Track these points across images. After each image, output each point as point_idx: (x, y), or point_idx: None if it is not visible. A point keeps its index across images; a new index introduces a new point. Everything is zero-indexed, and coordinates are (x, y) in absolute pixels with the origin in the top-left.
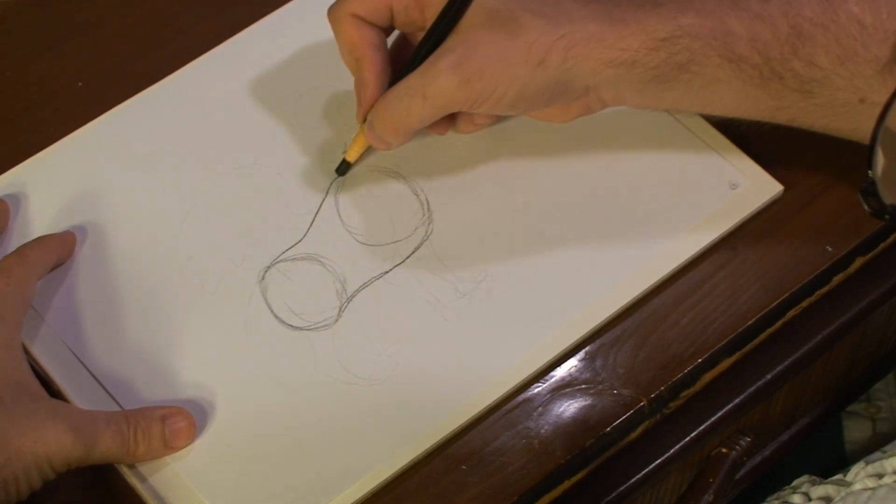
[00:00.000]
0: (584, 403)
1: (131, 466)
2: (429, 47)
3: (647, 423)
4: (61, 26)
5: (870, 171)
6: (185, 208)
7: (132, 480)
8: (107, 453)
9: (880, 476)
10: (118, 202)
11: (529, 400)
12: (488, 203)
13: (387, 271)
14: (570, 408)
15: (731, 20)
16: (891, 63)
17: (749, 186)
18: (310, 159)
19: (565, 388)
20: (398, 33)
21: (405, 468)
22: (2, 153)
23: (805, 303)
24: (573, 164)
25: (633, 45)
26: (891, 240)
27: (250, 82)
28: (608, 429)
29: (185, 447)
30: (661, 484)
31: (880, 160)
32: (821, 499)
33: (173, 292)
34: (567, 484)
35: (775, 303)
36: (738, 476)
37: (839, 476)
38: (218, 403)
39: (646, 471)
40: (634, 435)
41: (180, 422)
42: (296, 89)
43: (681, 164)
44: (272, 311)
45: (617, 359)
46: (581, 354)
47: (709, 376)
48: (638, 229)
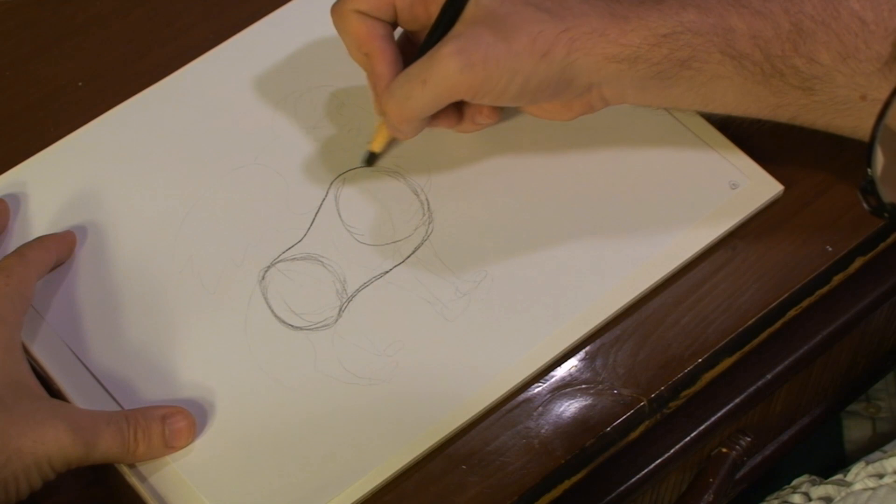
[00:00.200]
0: (584, 403)
1: (131, 466)
2: (435, 39)
3: (647, 423)
4: (61, 26)
5: (869, 170)
6: (185, 208)
7: (132, 480)
8: (107, 453)
9: (881, 476)
10: (118, 202)
11: (529, 400)
12: (488, 203)
13: (387, 271)
14: (570, 408)
15: (732, 17)
16: (891, 60)
17: (749, 186)
18: (310, 159)
19: (565, 388)
20: (401, 34)
21: (405, 468)
22: (2, 153)
23: (805, 303)
24: (573, 164)
25: (635, 41)
26: (891, 240)
27: (250, 82)
28: (608, 429)
29: (185, 447)
30: (661, 484)
31: (879, 158)
32: (821, 499)
33: (173, 292)
34: (567, 484)
35: (775, 303)
36: (738, 476)
37: (839, 476)
38: (218, 403)
39: (646, 471)
40: (634, 435)
41: (180, 421)
42: (296, 89)
43: (681, 164)
44: (272, 310)
45: (617, 359)
46: (581, 354)
47: (709, 376)
48: (638, 229)
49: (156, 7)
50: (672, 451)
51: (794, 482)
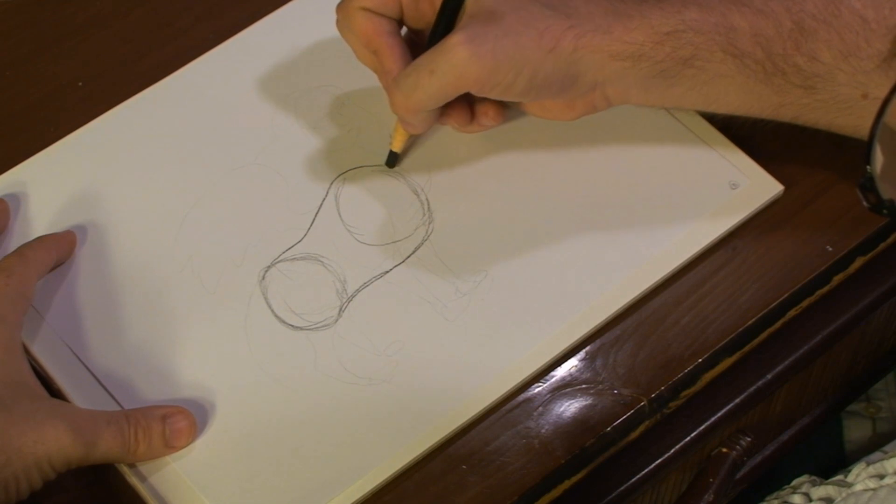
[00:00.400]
0: (585, 403)
1: (131, 466)
2: (441, 31)
3: (647, 423)
4: (61, 26)
5: (868, 167)
6: (186, 208)
7: (132, 480)
8: (107, 453)
9: (881, 477)
10: (118, 202)
11: (529, 400)
12: (488, 203)
13: (387, 271)
14: (570, 408)
15: (734, 15)
16: (891, 57)
17: (749, 186)
18: (310, 159)
19: (565, 388)
20: (406, 33)
21: (405, 468)
22: (2, 153)
23: (805, 303)
24: (573, 165)
25: (639, 39)
26: (891, 240)
27: (250, 82)
28: (608, 429)
29: (185, 447)
30: (661, 484)
31: (879, 156)
32: (821, 499)
33: (173, 292)
34: (567, 484)
35: (775, 303)
36: (739, 476)
37: (840, 477)
38: (218, 403)
39: (646, 471)
40: (634, 435)
41: (181, 421)
42: (296, 89)
43: (681, 164)
44: (272, 310)
45: (617, 359)
46: (581, 354)
47: (709, 376)
48: (638, 229)
49: (156, 7)
50: (672, 451)
51: (795, 482)
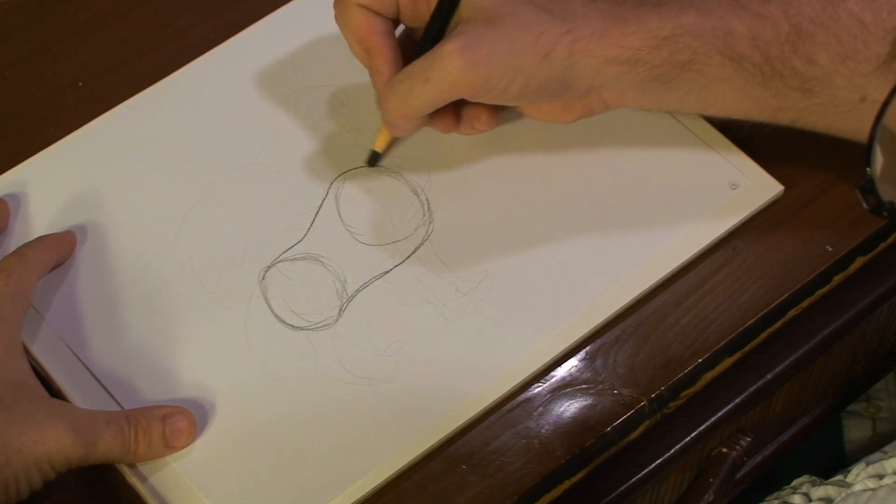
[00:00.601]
0: (585, 403)
1: (131, 466)
2: (434, 32)
3: (647, 423)
4: (61, 26)
5: (868, 169)
6: (185, 208)
7: (132, 480)
8: (107, 453)
9: (881, 477)
10: (118, 202)
11: (529, 400)
12: (488, 203)
13: (387, 271)
14: (570, 408)
15: (731, 19)
16: (890, 59)
17: (749, 186)
18: (310, 159)
19: (565, 388)
20: (402, 31)
21: (405, 468)
22: (2, 153)
23: (805, 303)
24: (573, 165)
25: (636, 43)
26: (891, 240)
27: (250, 82)
28: (608, 429)
29: (185, 447)
30: (661, 484)
31: (879, 158)
32: (821, 499)
33: (173, 292)
34: (567, 484)
35: (775, 303)
36: (739, 476)
37: (839, 477)
38: (218, 403)
39: (646, 471)
40: (635, 435)
41: (181, 421)
42: (296, 89)
43: (681, 165)
44: (272, 310)
45: (617, 359)
46: (581, 354)
47: (709, 376)
48: (638, 229)
49: (156, 7)
50: (672, 451)
51: (794, 482)
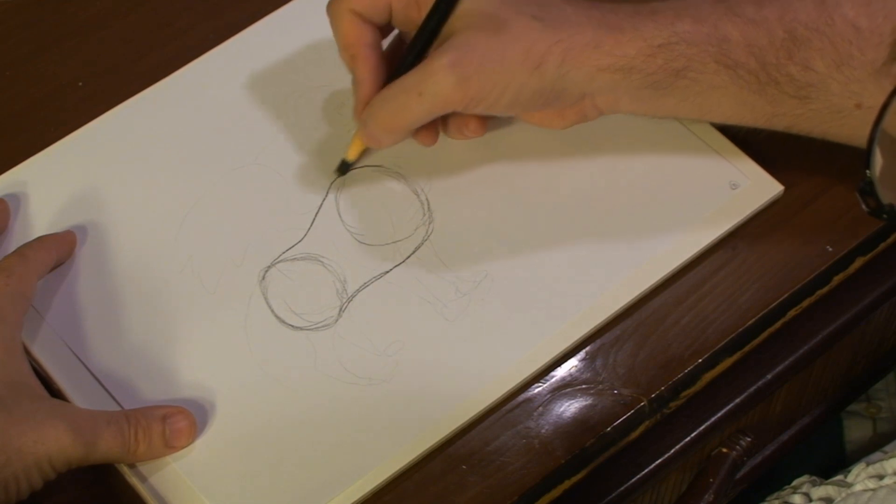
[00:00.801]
0: (585, 403)
1: (131, 466)
2: (421, 44)
3: (647, 423)
4: (61, 26)
5: (867, 171)
6: (185, 208)
7: (132, 480)
8: (107, 453)
9: (881, 477)
10: (118, 202)
11: (529, 400)
12: (488, 203)
13: (387, 271)
14: (570, 408)
15: (726, 26)
16: (889, 62)
17: (749, 186)
18: (310, 159)
19: (565, 388)
20: (396, 32)
21: (405, 468)
22: (2, 153)
23: (805, 303)
24: (573, 165)
25: (630, 52)
26: (891, 240)
27: (250, 82)
28: (608, 429)
29: (185, 447)
30: (661, 484)
31: (878, 160)
32: (821, 499)
33: (173, 292)
34: (567, 484)
35: (775, 303)
36: (739, 476)
37: (840, 477)
38: (218, 403)
39: (646, 471)
40: (635, 435)
41: (181, 421)
42: (296, 89)
43: (681, 165)
44: (272, 310)
45: (617, 359)
46: (581, 354)
47: (709, 376)
48: (638, 229)
49: (156, 7)
50: (672, 451)
51: (795, 482)
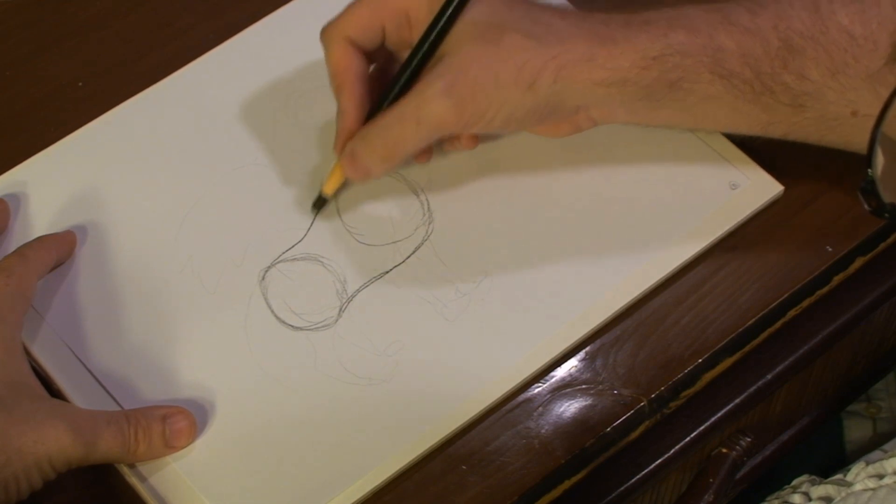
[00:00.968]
0: (585, 403)
1: (131, 466)
2: (413, 67)
3: (647, 423)
4: (61, 26)
5: (869, 170)
6: (185, 208)
7: (132, 480)
8: (107, 453)
9: (881, 476)
10: (118, 202)
11: (529, 400)
12: (488, 203)
13: (387, 271)
14: (570, 408)
15: (721, 36)
16: (891, 62)
17: (749, 186)
18: (310, 159)
19: (565, 388)
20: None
21: (405, 468)
22: (2, 153)
23: (805, 303)
24: (573, 165)
25: (624, 64)
26: (891, 240)
27: (250, 82)
28: (608, 429)
29: (185, 447)
30: (661, 484)
31: (880, 160)
32: (821, 499)
33: (173, 292)
34: (567, 484)
35: (775, 303)
36: (739, 476)
37: (839, 476)
38: (218, 403)
39: (646, 471)
40: (635, 435)
41: (181, 421)
42: (296, 89)
43: (681, 165)
44: (272, 310)
45: (617, 359)
46: (581, 354)
47: (709, 376)
48: (638, 229)
49: (156, 7)
50: (672, 451)
51: (795, 482)
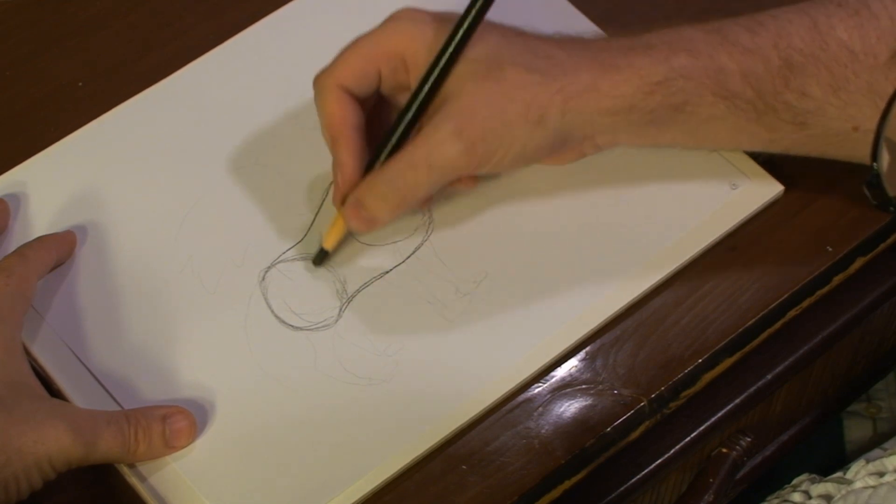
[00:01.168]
0: (585, 403)
1: (131, 466)
2: (414, 112)
3: (647, 423)
4: (61, 26)
5: (874, 164)
6: (185, 208)
7: (132, 480)
8: (107, 453)
9: (881, 474)
10: (118, 202)
11: (530, 400)
12: (488, 203)
13: (387, 271)
14: (570, 408)
15: (722, 57)
16: (889, 64)
17: (749, 186)
18: (310, 159)
19: (565, 388)
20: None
21: (405, 468)
22: (2, 153)
23: (805, 303)
24: (574, 165)
25: (628, 91)
26: (891, 240)
27: (250, 82)
28: (608, 429)
29: (185, 447)
30: (661, 484)
31: (885, 154)
32: (821, 497)
33: (174, 292)
34: (567, 484)
35: (775, 303)
36: (739, 476)
37: (839, 474)
38: (218, 403)
39: (646, 471)
40: (634, 435)
41: (181, 421)
42: (296, 89)
43: (681, 164)
44: (272, 311)
45: (617, 359)
46: (581, 354)
47: (709, 376)
48: (639, 229)
49: (156, 7)
50: (672, 451)
51: (795, 481)
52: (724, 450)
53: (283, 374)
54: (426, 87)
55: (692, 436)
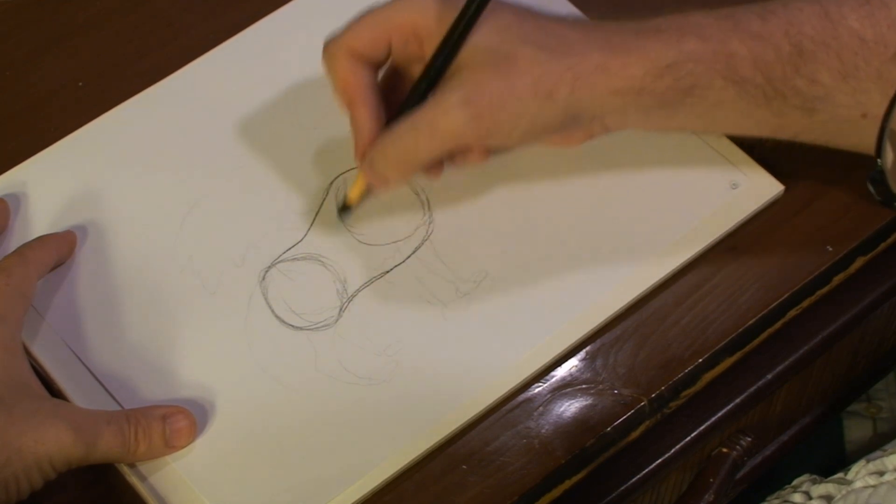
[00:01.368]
0: (585, 403)
1: (131, 466)
2: (430, 79)
3: (647, 423)
4: (61, 26)
5: (878, 160)
6: (186, 208)
7: (132, 480)
8: (108, 452)
9: (881, 474)
10: (118, 202)
11: (530, 400)
12: (489, 203)
13: (387, 271)
14: (570, 408)
15: (732, 42)
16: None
17: (749, 186)
18: (310, 158)
19: (566, 388)
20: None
21: (405, 468)
22: (2, 153)
23: (805, 303)
24: (574, 165)
25: (638, 73)
26: (891, 240)
27: (251, 82)
28: (608, 429)
29: (185, 446)
30: (662, 484)
31: (889, 150)
32: (821, 497)
33: (174, 292)
34: (567, 484)
35: (775, 303)
36: (739, 476)
37: (840, 474)
38: (218, 403)
39: (646, 471)
40: (635, 435)
41: (181, 421)
42: (296, 89)
43: (681, 164)
44: (272, 310)
45: (617, 359)
46: (581, 354)
47: (709, 376)
48: (639, 228)
49: (156, 7)
50: (672, 451)
51: (795, 481)
52: (725, 450)
53: (283, 374)
54: (442, 56)
55: (692, 436)
